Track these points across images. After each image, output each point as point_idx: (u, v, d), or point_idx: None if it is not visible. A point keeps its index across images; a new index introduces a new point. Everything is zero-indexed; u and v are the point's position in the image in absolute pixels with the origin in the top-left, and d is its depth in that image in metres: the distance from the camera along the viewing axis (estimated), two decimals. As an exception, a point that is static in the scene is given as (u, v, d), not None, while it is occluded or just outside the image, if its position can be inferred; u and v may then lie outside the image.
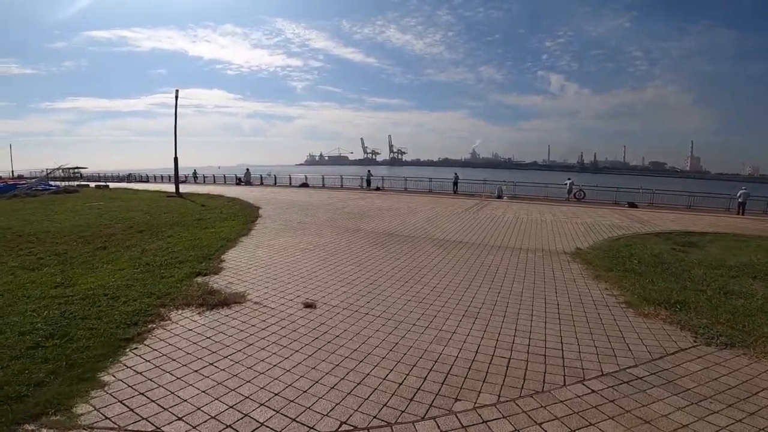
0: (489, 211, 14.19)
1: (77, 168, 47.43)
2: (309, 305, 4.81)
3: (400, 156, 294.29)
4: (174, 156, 19.14)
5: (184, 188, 25.30)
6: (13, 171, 39.01)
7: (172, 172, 44.14)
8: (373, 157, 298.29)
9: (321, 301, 4.97)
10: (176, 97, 18.95)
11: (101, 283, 5.39)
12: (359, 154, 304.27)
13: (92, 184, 28.82)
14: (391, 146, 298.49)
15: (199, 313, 4.55)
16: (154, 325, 4.20)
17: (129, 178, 48.75)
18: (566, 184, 26.11)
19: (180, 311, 4.60)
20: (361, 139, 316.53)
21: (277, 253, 7.32)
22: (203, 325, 4.25)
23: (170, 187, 24.60)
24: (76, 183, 28.71)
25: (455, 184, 28.50)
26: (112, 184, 32.63)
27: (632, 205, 20.29)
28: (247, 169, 40.10)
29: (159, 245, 7.84)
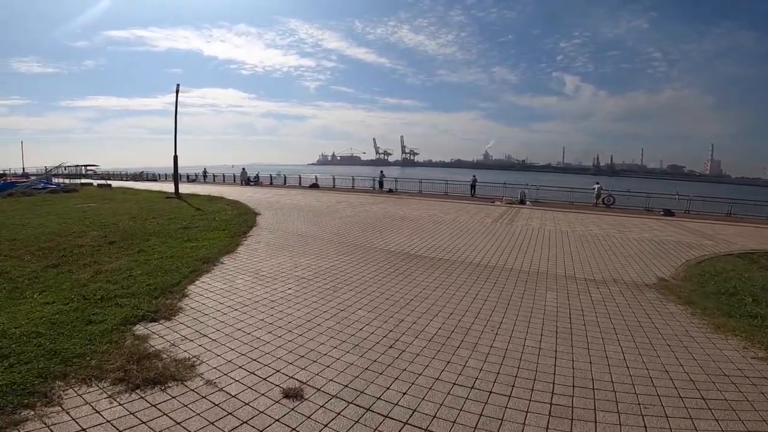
0: (523, 222, 12.12)
1: (88, 165, 46.78)
2: (291, 395, 2.91)
3: (412, 157, 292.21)
4: (174, 154, 17.56)
5: (189, 188, 23.84)
6: (24, 168, 38.17)
7: (185, 171, 43.16)
8: (386, 157, 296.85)
9: (312, 384, 3.05)
10: (176, 92, 17.38)
11: (3, 328, 3.63)
12: (371, 155, 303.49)
13: (96, 183, 27.53)
14: (403, 147, 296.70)
15: (110, 398, 2.73)
16: (28, 418, 2.39)
17: (141, 176, 47.85)
18: (594, 188, 23.92)
19: (83, 390, 2.79)
20: (374, 139, 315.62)
21: (263, 285, 5.41)
22: (107, 425, 2.40)
23: (182, 187, 23.04)
24: (80, 181, 27.47)
25: (473, 187, 26.42)
26: (117, 183, 31.40)
27: (668, 212, 17.98)
28: (243, 169, 38.52)
29: (120, 264, 6.06)
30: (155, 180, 42.24)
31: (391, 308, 4.67)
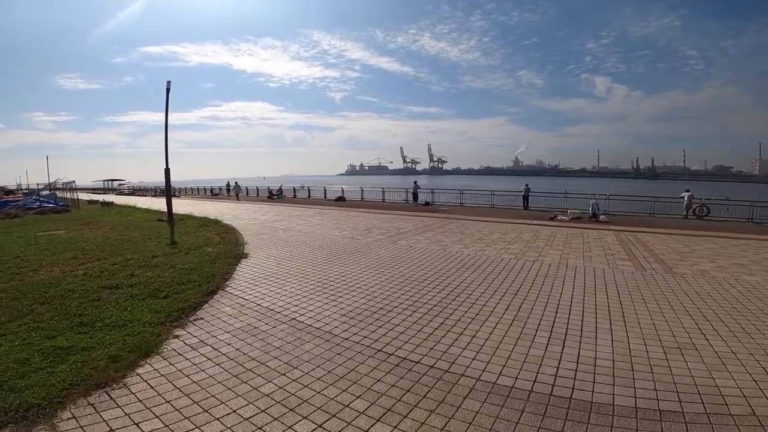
0: (689, 267, 7.32)
1: (115, 180, 45.45)
2: None
3: (440, 165, 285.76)
4: (165, 167, 13.94)
5: (200, 205, 20.41)
6: (38, 184, 36.35)
7: (216, 184, 40.43)
8: (413, 166, 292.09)
9: None
10: (167, 90, 13.76)
11: None
12: (399, 164, 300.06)
13: (102, 198, 24.63)
14: (431, 155, 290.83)
15: None
16: None
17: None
18: (683, 197, 18.60)
19: None
20: (401, 148, 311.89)
21: None
22: None
23: (193, 204, 19.56)
24: (90, 198, 24.79)
25: (526, 198, 21.52)
26: (124, 199, 28.56)
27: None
28: (236, 183, 34.88)
29: None
30: (177, 196, 39.72)
31: None
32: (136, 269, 6.62)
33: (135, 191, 45.12)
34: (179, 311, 4.63)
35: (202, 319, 4.46)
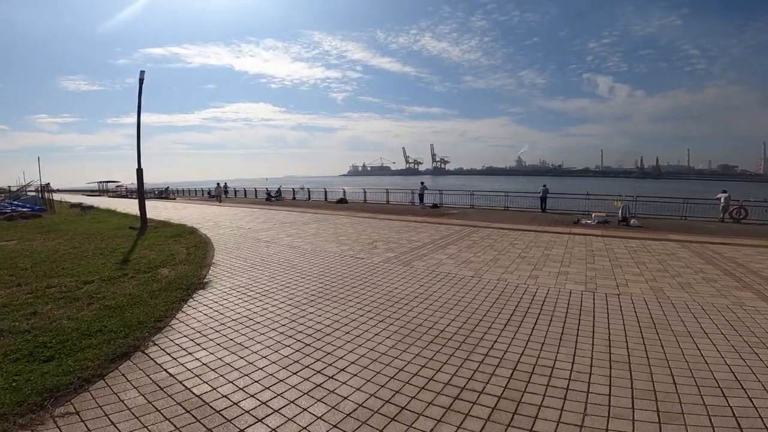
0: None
1: (110, 182, 43.59)
2: None
3: (443, 165, 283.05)
4: (137, 167, 11.93)
5: (188, 209, 18.37)
6: (10, 187, 34.25)
7: (214, 186, 38.34)
8: (416, 166, 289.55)
9: None
10: (140, 81, 11.75)
11: None
12: (401, 164, 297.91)
13: (83, 202, 22.57)
14: (433, 155, 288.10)
15: None
16: None
17: (166, 192, 43.97)
18: (719, 198, 16.54)
19: None
20: (403, 148, 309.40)
21: None
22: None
23: (180, 208, 17.35)
24: (74, 201, 22.85)
25: (544, 199, 19.42)
26: (113, 202, 26.51)
27: None
28: (218, 184, 32.64)
29: None
30: (171, 199, 37.79)
31: None
32: (48, 303, 4.61)
33: (129, 194, 43.27)
34: (50, 392, 2.61)
35: (77, 415, 2.42)
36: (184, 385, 2.89)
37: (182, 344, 3.61)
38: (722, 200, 16.30)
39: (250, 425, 2.44)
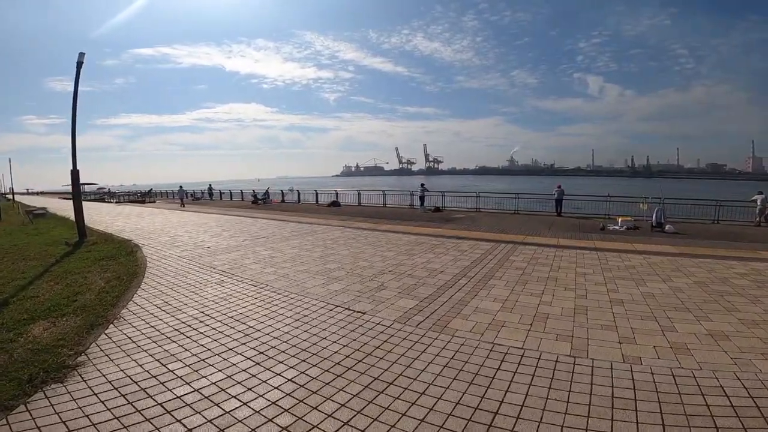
0: None
1: (87, 184, 40.49)
2: None
3: (436, 165, 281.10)
4: (71, 169, 9.30)
5: (154, 217, 15.64)
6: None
7: (203, 187, 35.34)
8: (409, 166, 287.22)
9: None
10: (79, 64, 9.15)
11: None
12: (394, 164, 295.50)
13: (58, 205, 19.69)
14: (426, 155, 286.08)
15: None
16: None
17: (149, 194, 41.04)
18: (755, 200, 14.71)
19: None
20: (396, 148, 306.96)
21: None
22: None
23: (147, 215, 14.45)
24: (35, 210, 20.02)
25: (559, 202, 17.14)
26: (85, 206, 23.62)
27: None
28: (180, 187, 30.51)
29: None
30: (151, 202, 34.93)
31: None
32: None
33: (104, 196, 40.31)
34: None
35: None
36: None
37: None
38: (759, 202, 14.55)
39: None
